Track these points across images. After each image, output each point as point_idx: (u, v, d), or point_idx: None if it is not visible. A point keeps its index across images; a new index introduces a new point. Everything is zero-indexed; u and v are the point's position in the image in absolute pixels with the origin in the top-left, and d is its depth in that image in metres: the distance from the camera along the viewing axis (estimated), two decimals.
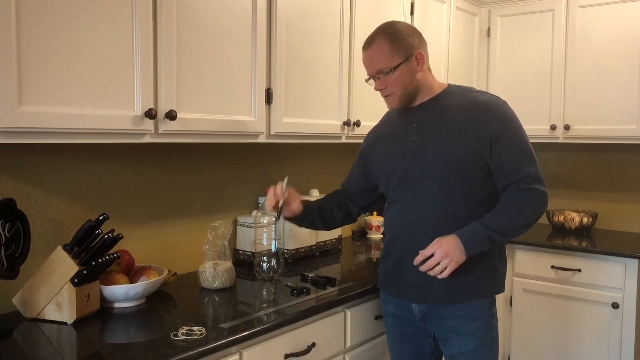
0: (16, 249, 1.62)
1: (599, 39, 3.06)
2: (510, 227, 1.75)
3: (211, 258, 2.03)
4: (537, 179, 1.76)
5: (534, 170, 1.76)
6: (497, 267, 1.85)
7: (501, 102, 1.81)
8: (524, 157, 1.77)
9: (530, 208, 1.76)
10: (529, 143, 1.80)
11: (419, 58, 1.78)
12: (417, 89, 1.81)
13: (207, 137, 1.89)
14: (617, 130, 3.03)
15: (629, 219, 3.36)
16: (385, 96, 1.83)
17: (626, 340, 2.80)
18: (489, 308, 1.84)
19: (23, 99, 1.39)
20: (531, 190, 1.75)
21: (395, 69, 1.75)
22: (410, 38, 1.77)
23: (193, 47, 1.78)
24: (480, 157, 1.75)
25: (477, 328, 1.81)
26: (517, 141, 1.77)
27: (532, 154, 1.78)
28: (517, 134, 1.78)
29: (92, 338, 1.60)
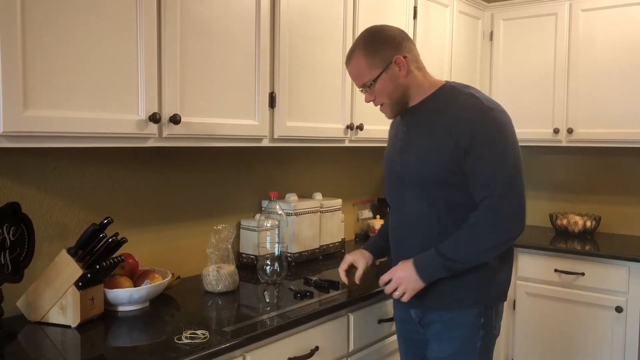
0: (20, 252, 1.63)
1: (602, 42, 3.06)
2: (466, 255, 1.65)
3: (214, 261, 2.03)
4: (504, 197, 1.62)
5: (504, 187, 1.61)
6: (492, 276, 1.72)
7: (485, 107, 1.65)
8: (497, 171, 1.62)
9: (491, 232, 1.64)
10: (511, 155, 1.63)
11: (399, 63, 1.70)
12: (404, 95, 1.75)
13: (211, 141, 1.89)
14: (620, 133, 3.03)
15: (633, 222, 3.35)
16: (378, 106, 1.81)
17: (630, 344, 2.79)
18: (476, 318, 1.72)
19: (28, 104, 1.39)
20: (495, 211, 1.62)
21: (375, 81, 1.71)
22: (387, 44, 1.70)
23: (197, 51, 1.79)
24: (458, 164, 1.64)
25: (459, 336, 1.73)
26: (492, 152, 1.62)
27: (507, 167, 1.62)
28: (493, 143, 1.62)
29: (95, 341, 1.60)
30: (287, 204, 2.46)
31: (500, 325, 1.82)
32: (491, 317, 1.75)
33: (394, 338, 2.20)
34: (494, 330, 1.77)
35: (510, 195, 1.63)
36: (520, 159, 1.67)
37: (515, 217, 1.64)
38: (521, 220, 1.65)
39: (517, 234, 1.66)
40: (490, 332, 1.76)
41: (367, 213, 3.19)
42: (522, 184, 1.66)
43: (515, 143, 1.66)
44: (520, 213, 1.65)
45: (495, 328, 1.77)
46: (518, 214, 1.64)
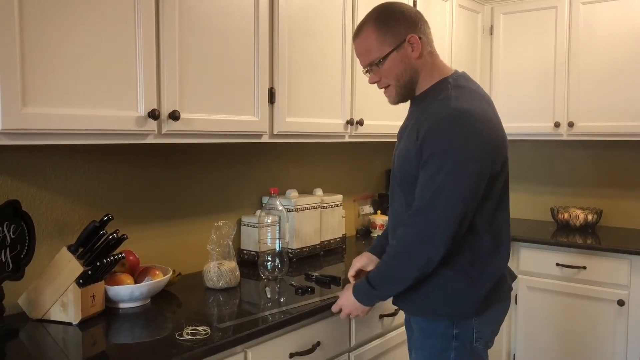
0: (21, 250, 1.63)
1: (603, 35, 3.05)
2: (384, 282, 1.62)
3: (215, 258, 2.03)
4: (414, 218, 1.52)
5: (420, 204, 1.51)
6: (469, 290, 1.59)
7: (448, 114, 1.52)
8: (425, 187, 1.51)
9: (399, 253, 1.56)
10: (450, 174, 1.48)
11: (413, 43, 1.59)
12: (413, 79, 1.63)
13: (211, 137, 1.89)
14: (621, 126, 3.02)
15: (634, 215, 3.35)
16: (382, 89, 1.69)
17: (632, 337, 2.79)
18: (448, 328, 1.61)
19: (27, 101, 1.39)
20: (409, 229, 1.54)
21: (384, 59, 1.60)
22: (401, 21, 1.59)
23: (195, 47, 1.79)
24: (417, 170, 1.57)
25: (430, 346, 1.65)
26: (432, 166, 1.50)
27: (436, 187, 1.48)
28: (438, 157, 1.50)
29: (97, 338, 1.60)
30: (287, 200, 2.46)
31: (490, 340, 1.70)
32: (469, 329, 1.62)
33: (395, 333, 2.20)
34: (474, 343, 1.63)
35: (429, 215, 1.51)
36: (468, 179, 1.49)
37: (425, 240, 1.52)
38: (434, 247, 1.51)
39: (425, 260, 1.53)
40: (469, 345, 1.62)
41: (367, 208, 3.19)
42: (450, 207, 1.49)
43: (467, 160, 1.49)
44: (433, 237, 1.50)
45: (476, 341, 1.63)
46: (430, 237, 1.51)
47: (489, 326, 1.67)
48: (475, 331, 1.62)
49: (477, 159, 1.50)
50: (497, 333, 1.74)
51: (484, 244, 1.60)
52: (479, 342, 1.64)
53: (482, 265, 1.60)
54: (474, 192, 1.51)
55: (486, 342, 1.68)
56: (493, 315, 1.67)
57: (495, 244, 1.62)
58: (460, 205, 1.50)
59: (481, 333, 1.64)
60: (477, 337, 1.63)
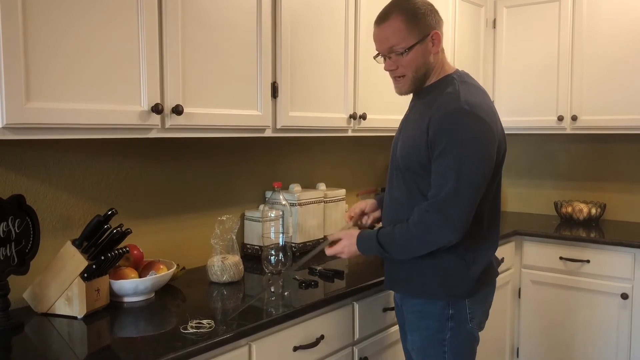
0: (26, 244, 1.64)
1: (606, 29, 3.04)
2: (396, 249, 1.68)
3: (219, 252, 2.03)
4: (445, 202, 1.57)
5: (449, 193, 1.56)
6: (464, 271, 1.68)
7: (458, 107, 1.58)
8: (444, 177, 1.57)
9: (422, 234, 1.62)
10: (466, 164, 1.56)
11: (435, 39, 1.67)
12: (427, 73, 1.71)
13: (214, 132, 1.89)
14: (625, 120, 3.01)
15: (638, 209, 3.34)
16: (395, 77, 1.73)
17: (636, 330, 2.79)
18: (443, 308, 1.69)
19: (30, 95, 1.39)
20: (432, 215, 1.59)
21: (409, 49, 1.64)
22: (428, 16, 1.66)
23: (198, 42, 1.79)
24: (428, 159, 1.62)
25: (426, 327, 1.72)
26: (449, 154, 1.56)
27: (454, 177, 1.55)
28: (451, 148, 1.56)
29: (102, 332, 1.61)
30: (290, 194, 2.46)
31: (482, 321, 1.79)
32: (464, 310, 1.70)
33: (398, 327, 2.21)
34: (469, 323, 1.71)
35: (452, 202, 1.57)
36: (480, 170, 1.58)
37: (449, 225, 1.58)
38: (455, 230, 1.59)
39: (447, 241, 1.61)
40: (464, 325, 1.70)
41: None
42: (469, 195, 1.57)
43: (481, 151, 1.58)
44: (456, 223, 1.58)
45: (470, 321, 1.71)
46: (453, 223, 1.58)
47: (481, 307, 1.77)
48: (469, 312, 1.71)
49: (489, 149, 1.61)
50: (487, 315, 1.83)
51: (481, 230, 1.70)
52: (472, 322, 1.72)
53: (476, 250, 1.70)
54: (484, 183, 1.62)
55: (479, 323, 1.77)
56: (484, 297, 1.78)
57: (489, 231, 1.74)
58: (479, 192, 1.60)
59: (474, 314, 1.72)
60: (471, 317, 1.72)
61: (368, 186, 3.21)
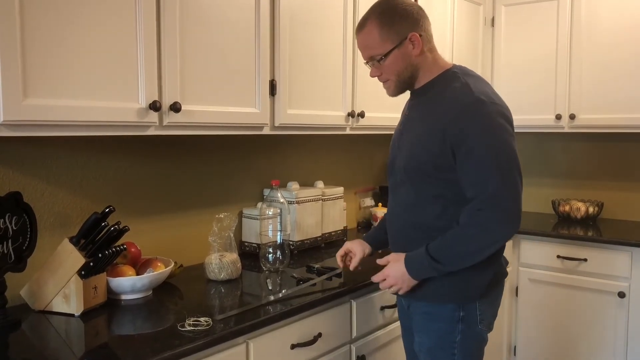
0: (23, 241, 1.63)
1: (604, 27, 3.04)
2: (454, 258, 1.59)
3: (217, 250, 2.03)
4: (496, 196, 1.52)
5: (496, 185, 1.52)
6: (474, 273, 1.64)
7: (475, 99, 1.55)
8: (488, 168, 1.53)
9: (480, 234, 1.56)
10: (505, 151, 1.54)
11: (414, 40, 1.62)
12: (413, 75, 1.68)
13: (212, 129, 1.89)
14: (623, 119, 3.01)
15: (635, 208, 3.34)
16: (382, 82, 1.73)
17: (633, 329, 2.80)
18: (454, 311, 1.66)
19: (28, 92, 1.39)
20: (486, 212, 1.54)
21: (386, 55, 1.63)
22: (405, 18, 1.62)
23: (197, 39, 1.78)
24: (445, 160, 1.57)
25: (436, 329, 1.69)
26: (482, 147, 1.53)
27: (500, 164, 1.53)
28: (483, 138, 1.53)
29: (99, 329, 1.61)
30: (288, 192, 2.46)
31: (491, 322, 1.75)
32: (474, 312, 1.67)
33: (396, 325, 2.20)
34: (479, 325, 1.69)
35: (504, 194, 1.53)
36: (515, 156, 1.57)
37: (507, 218, 1.55)
38: (514, 222, 1.56)
39: (508, 235, 1.60)
40: (474, 327, 1.68)
41: (369, 201, 3.19)
42: (516, 182, 1.55)
43: (509, 138, 1.56)
44: (514, 214, 1.55)
45: (480, 323, 1.69)
46: (511, 215, 1.55)
47: (490, 308, 1.73)
48: (478, 313, 1.68)
49: (514, 140, 1.59)
50: (496, 316, 1.79)
51: None
52: (482, 323, 1.69)
53: None
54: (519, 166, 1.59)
55: (489, 324, 1.73)
56: (494, 298, 1.74)
57: None
58: (521, 178, 1.58)
59: (484, 315, 1.69)
60: (481, 319, 1.68)
61: (366, 184, 3.21)
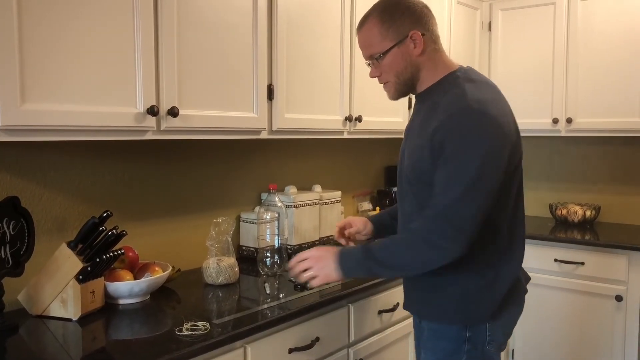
0: (21, 246, 1.63)
1: (601, 32, 3.05)
2: (394, 261, 1.50)
3: (215, 254, 2.03)
4: (449, 211, 1.42)
5: (453, 200, 1.42)
6: (483, 290, 1.55)
7: (466, 107, 1.45)
8: (453, 181, 1.43)
9: (423, 247, 1.47)
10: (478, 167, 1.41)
11: (415, 39, 1.54)
12: (414, 76, 1.59)
13: (209, 134, 1.89)
14: (619, 122, 3.02)
15: (632, 211, 3.35)
16: (382, 84, 1.64)
17: (630, 332, 2.80)
18: (460, 331, 1.57)
19: (26, 97, 1.39)
20: (434, 225, 1.44)
21: (385, 54, 1.55)
22: (407, 15, 1.54)
23: (194, 43, 1.79)
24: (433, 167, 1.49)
25: (441, 347, 1.60)
26: (455, 159, 1.43)
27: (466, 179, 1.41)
28: (460, 149, 1.43)
29: (97, 334, 1.61)
30: (286, 196, 2.46)
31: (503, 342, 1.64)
32: (482, 332, 1.57)
33: (394, 329, 2.21)
34: (487, 346, 1.58)
35: (457, 211, 1.42)
36: (491, 173, 1.43)
37: (452, 235, 1.43)
38: (458, 242, 1.43)
39: (448, 255, 1.45)
40: (481, 347, 1.58)
41: (366, 205, 3.19)
42: (475, 202, 1.42)
43: (492, 153, 1.43)
44: (460, 235, 1.43)
45: (489, 344, 1.58)
46: (457, 235, 1.43)
47: (502, 328, 1.62)
48: (488, 334, 1.58)
49: (501, 150, 1.46)
50: (510, 336, 1.70)
51: (501, 243, 1.56)
52: (491, 345, 1.59)
53: (498, 266, 1.56)
54: (497, 188, 1.46)
55: (499, 345, 1.63)
56: (508, 318, 1.63)
57: (511, 243, 1.59)
58: (488, 201, 1.45)
59: (494, 336, 1.59)
60: (490, 340, 1.58)
61: (364, 188, 3.22)
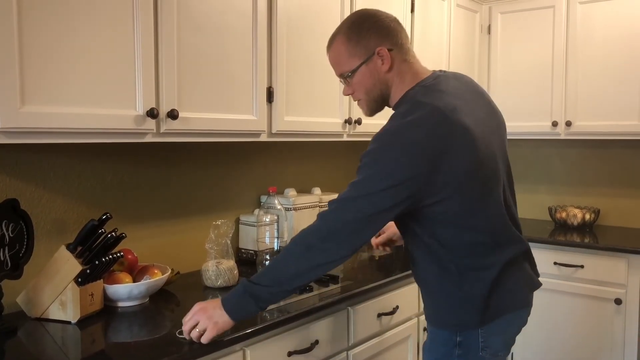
0: (20, 248, 1.63)
1: (600, 35, 3.06)
2: (278, 277, 1.45)
3: (214, 257, 2.03)
4: (329, 213, 1.43)
5: (336, 204, 1.43)
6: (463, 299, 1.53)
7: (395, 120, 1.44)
8: (354, 182, 1.43)
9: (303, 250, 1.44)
10: (372, 178, 1.39)
11: (382, 55, 1.51)
12: (383, 93, 1.56)
13: (209, 136, 1.89)
14: (619, 126, 3.03)
15: (632, 214, 3.35)
16: (355, 101, 1.63)
17: (629, 336, 2.80)
18: (450, 335, 1.56)
19: (25, 99, 1.39)
20: (315, 226, 1.44)
21: (354, 72, 1.53)
22: (372, 32, 1.51)
23: (194, 46, 1.79)
24: None
25: (434, 350, 1.62)
26: (364, 163, 1.43)
27: (355, 187, 1.41)
28: (373, 155, 1.42)
29: (96, 337, 1.60)
30: (286, 199, 2.46)
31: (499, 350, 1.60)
32: (474, 338, 1.55)
33: (393, 332, 2.21)
34: (480, 352, 1.55)
35: (336, 213, 1.43)
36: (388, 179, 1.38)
37: (326, 237, 1.42)
38: (329, 243, 1.42)
39: (329, 258, 1.43)
40: (474, 353, 1.55)
41: None
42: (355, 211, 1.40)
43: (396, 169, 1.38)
44: (331, 236, 1.42)
45: (482, 350, 1.55)
46: (329, 236, 1.42)
47: (498, 336, 1.58)
48: (481, 340, 1.55)
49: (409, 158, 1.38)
50: (512, 342, 1.67)
51: (480, 250, 1.52)
52: (485, 351, 1.56)
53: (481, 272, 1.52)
54: (397, 195, 1.40)
55: (495, 352, 1.58)
56: (504, 326, 1.59)
57: (491, 250, 1.54)
58: (370, 208, 1.40)
59: (488, 342, 1.56)
60: (484, 346, 1.55)
61: None
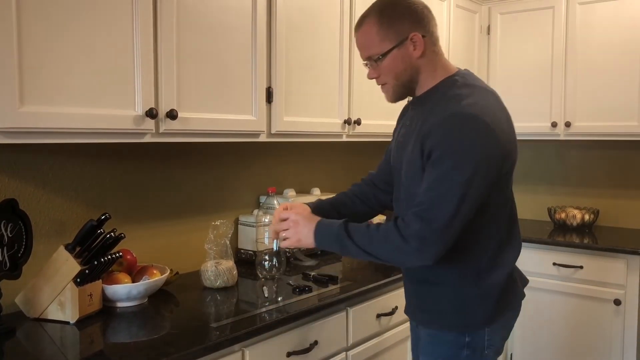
0: (18, 249, 1.63)
1: (599, 36, 3.06)
2: (363, 246, 1.48)
3: (213, 257, 2.03)
4: (419, 218, 1.40)
5: (427, 208, 1.40)
6: (476, 299, 1.54)
7: (458, 113, 1.42)
8: (435, 183, 1.41)
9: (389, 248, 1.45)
10: (460, 176, 1.38)
11: (416, 41, 1.50)
12: (413, 79, 1.55)
13: (208, 137, 1.89)
14: (618, 126, 3.03)
15: (631, 215, 3.35)
16: (380, 85, 1.60)
17: (628, 336, 2.80)
18: (458, 337, 1.56)
19: (24, 99, 1.39)
20: (404, 230, 1.42)
21: (384, 55, 1.51)
22: (407, 16, 1.50)
23: (193, 46, 1.79)
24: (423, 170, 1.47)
25: (439, 353, 1.59)
26: (442, 164, 1.41)
27: (445, 187, 1.39)
28: (446, 156, 1.40)
29: (94, 337, 1.60)
30: (285, 199, 2.46)
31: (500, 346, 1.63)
32: (481, 338, 1.56)
33: (392, 332, 2.21)
34: (486, 350, 1.57)
35: (436, 215, 1.40)
36: (477, 181, 1.40)
37: (427, 239, 1.40)
38: (432, 245, 1.41)
39: (422, 256, 1.44)
40: (480, 352, 1.57)
41: None
42: (455, 208, 1.39)
43: (480, 161, 1.40)
44: (434, 237, 1.40)
45: (487, 348, 1.57)
46: (431, 238, 1.40)
47: (500, 332, 1.62)
48: (487, 338, 1.57)
49: (488, 162, 1.42)
50: (507, 339, 1.70)
51: (494, 249, 1.54)
52: (489, 349, 1.58)
53: (493, 272, 1.55)
54: (481, 195, 1.43)
55: (497, 349, 1.62)
56: (505, 322, 1.63)
57: (504, 249, 1.57)
58: (469, 209, 1.41)
59: (492, 340, 1.58)
60: (489, 344, 1.57)
61: None
